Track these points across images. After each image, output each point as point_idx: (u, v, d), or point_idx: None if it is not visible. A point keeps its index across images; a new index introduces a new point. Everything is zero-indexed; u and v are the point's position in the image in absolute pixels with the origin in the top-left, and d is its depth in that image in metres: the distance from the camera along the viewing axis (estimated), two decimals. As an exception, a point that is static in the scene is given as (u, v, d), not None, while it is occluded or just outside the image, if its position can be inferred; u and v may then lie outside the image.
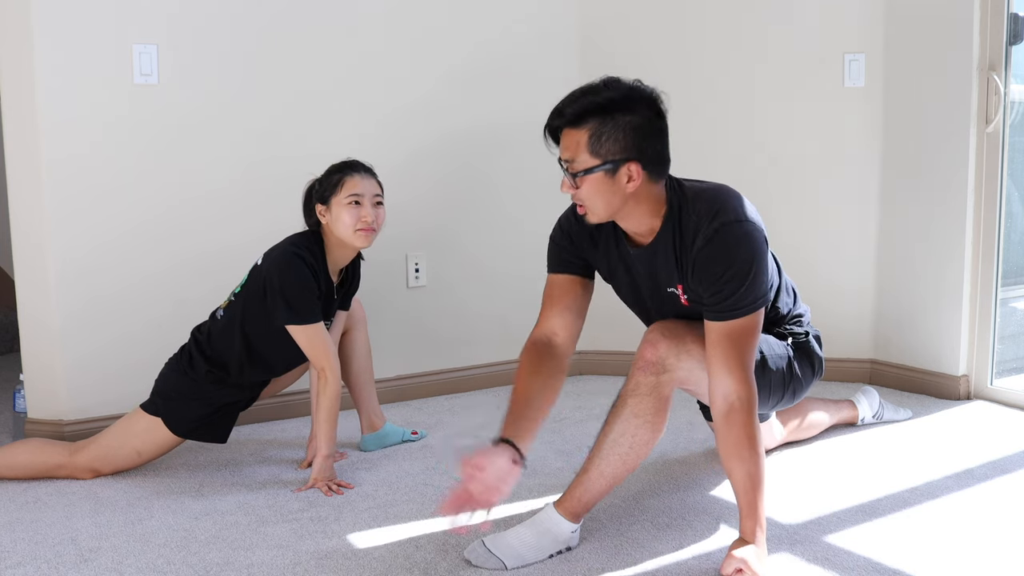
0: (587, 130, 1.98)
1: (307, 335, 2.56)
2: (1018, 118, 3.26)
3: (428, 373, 3.55)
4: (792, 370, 2.31)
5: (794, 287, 2.43)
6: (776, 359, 2.28)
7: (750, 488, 2.01)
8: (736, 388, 2.00)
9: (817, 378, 2.42)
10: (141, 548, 2.21)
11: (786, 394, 2.34)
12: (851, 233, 3.56)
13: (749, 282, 2.00)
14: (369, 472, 2.73)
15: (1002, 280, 3.26)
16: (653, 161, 2.02)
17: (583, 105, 1.99)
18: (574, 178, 2.01)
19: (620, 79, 2.05)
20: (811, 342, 2.39)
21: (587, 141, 1.98)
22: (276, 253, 2.60)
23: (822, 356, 2.42)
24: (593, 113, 1.99)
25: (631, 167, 1.99)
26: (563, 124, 2.02)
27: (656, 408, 2.09)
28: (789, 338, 2.35)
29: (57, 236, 2.91)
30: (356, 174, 2.61)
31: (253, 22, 3.13)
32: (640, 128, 2.00)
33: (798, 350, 2.35)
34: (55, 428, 2.96)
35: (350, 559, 2.14)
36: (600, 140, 1.98)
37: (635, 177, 2.00)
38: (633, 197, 2.03)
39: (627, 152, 1.99)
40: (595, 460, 2.13)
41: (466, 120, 3.51)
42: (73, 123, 2.90)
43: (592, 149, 1.99)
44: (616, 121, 1.98)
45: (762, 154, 3.59)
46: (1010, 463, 2.67)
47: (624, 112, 1.99)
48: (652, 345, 2.08)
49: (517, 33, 3.58)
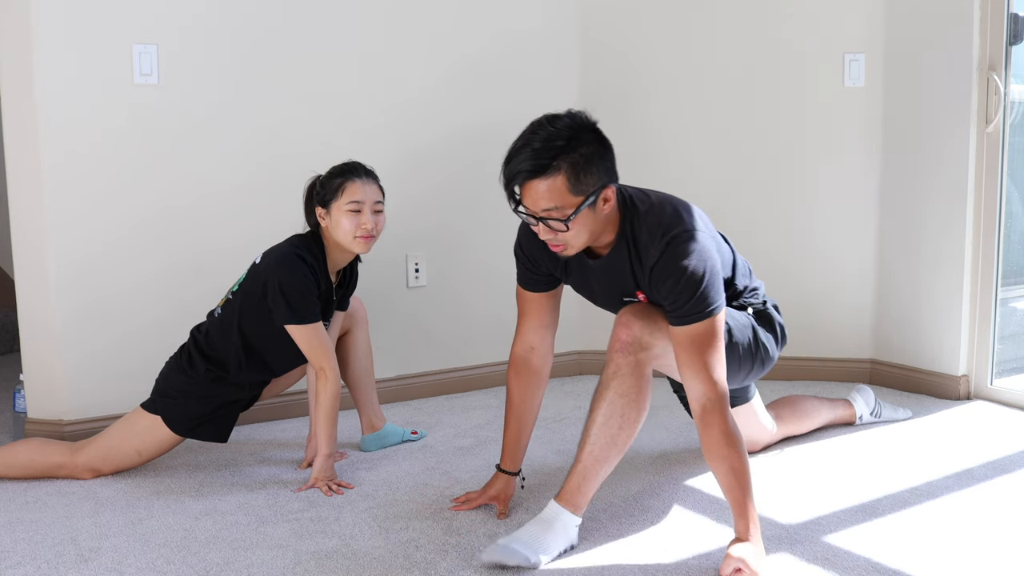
0: (563, 174, 2.02)
1: (306, 335, 2.56)
2: (1018, 118, 3.26)
3: (428, 373, 3.55)
4: (757, 338, 2.40)
5: (749, 266, 2.52)
6: (741, 329, 2.35)
7: (736, 484, 2.05)
8: (706, 391, 2.08)
9: (782, 345, 2.50)
10: (141, 548, 2.21)
11: (755, 364, 2.41)
12: (851, 232, 3.56)
13: (703, 290, 2.07)
14: (369, 472, 2.73)
15: (1002, 280, 3.26)
16: (616, 177, 2.12)
17: (546, 154, 2.02)
18: (566, 222, 2.04)
19: (553, 116, 2.09)
20: (770, 310, 2.48)
21: (566, 184, 2.02)
22: (276, 253, 2.60)
23: (783, 323, 2.50)
24: (560, 156, 2.02)
25: (607, 192, 2.08)
26: (531, 177, 2.03)
27: (639, 387, 2.13)
28: (749, 308, 2.44)
29: (57, 236, 2.91)
30: (357, 180, 2.60)
31: (253, 22, 3.13)
32: (600, 153, 2.07)
33: (759, 318, 2.44)
34: (55, 428, 2.96)
35: (350, 559, 2.14)
36: (579, 178, 2.03)
37: (610, 198, 2.09)
38: (603, 220, 2.11)
39: (601, 180, 2.06)
40: (587, 445, 2.14)
41: (466, 119, 3.51)
42: (73, 123, 2.90)
43: (574, 189, 2.03)
44: (582, 154, 2.03)
45: (762, 154, 3.59)
46: (1010, 463, 2.67)
47: (582, 145, 2.04)
48: (626, 326, 2.14)
49: (517, 32, 3.58)
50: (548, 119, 2.07)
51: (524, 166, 2.02)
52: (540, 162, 2.01)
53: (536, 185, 2.03)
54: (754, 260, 3.55)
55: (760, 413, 2.70)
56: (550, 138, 2.02)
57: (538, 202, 2.04)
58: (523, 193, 2.06)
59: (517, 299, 2.43)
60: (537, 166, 2.01)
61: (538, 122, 2.08)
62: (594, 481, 2.15)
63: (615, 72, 3.69)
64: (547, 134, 2.03)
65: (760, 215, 3.61)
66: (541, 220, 2.06)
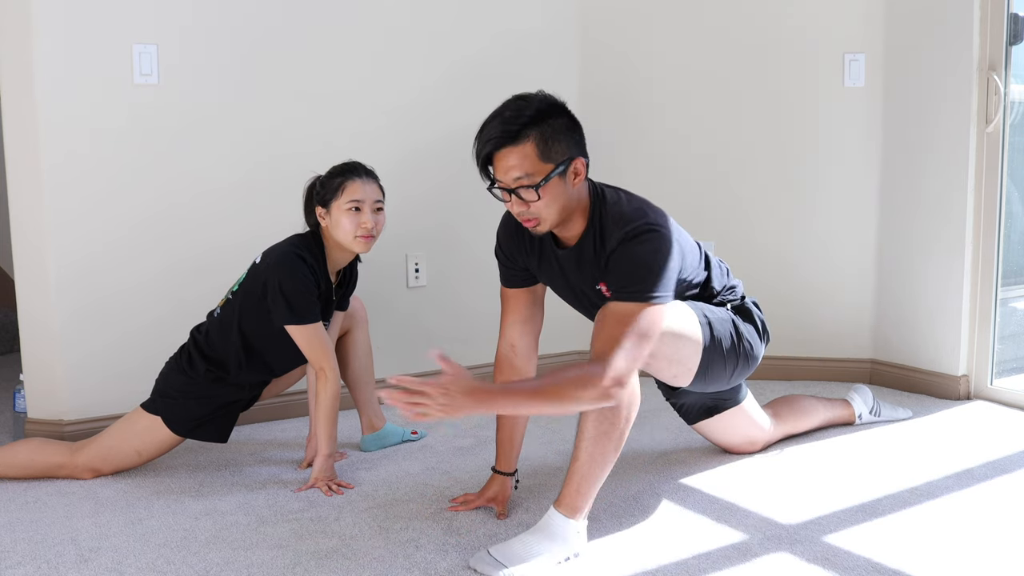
0: (531, 141, 2.07)
1: (306, 335, 2.56)
2: (1018, 118, 3.26)
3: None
4: (739, 333, 2.40)
5: (726, 266, 2.53)
6: (720, 322, 2.36)
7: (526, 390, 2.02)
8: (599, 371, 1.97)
9: (765, 341, 2.50)
10: (141, 548, 2.21)
11: (740, 360, 2.41)
12: (851, 233, 3.56)
13: (650, 276, 2.07)
14: (369, 472, 2.73)
15: (1002, 280, 3.26)
16: (585, 153, 2.16)
17: (515, 122, 2.07)
18: (536, 189, 2.07)
19: (524, 94, 2.14)
20: (748, 305, 2.49)
21: (535, 151, 2.07)
22: (276, 253, 2.60)
23: (763, 318, 2.51)
24: (529, 125, 2.07)
25: (577, 164, 2.13)
26: (501, 144, 2.08)
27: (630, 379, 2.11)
28: (727, 305, 2.45)
29: (57, 236, 2.91)
30: (357, 179, 2.60)
31: (253, 22, 3.13)
32: (570, 127, 2.13)
33: (738, 312, 2.45)
34: (55, 428, 2.96)
35: (350, 559, 2.14)
36: (548, 145, 2.07)
37: (580, 171, 2.13)
38: (576, 197, 2.15)
39: (571, 150, 2.11)
40: (582, 445, 2.12)
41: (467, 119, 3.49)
42: (73, 123, 2.90)
43: (544, 156, 2.08)
44: (551, 125, 2.09)
45: (762, 153, 3.59)
46: (1010, 463, 2.67)
47: (552, 117, 2.10)
48: None
49: (517, 32, 3.58)
50: (518, 96, 2.13)
51: (494, 133, 2.08)
52: (509, 128, 2.07)
53: (507, 154, 2.07)
54: (753, 260, 3.58)
55: (754, 413, 2.70)
56: (520, 109, 2.09)
57: (509, 172, 2.08)
58: (495, 166, 2.11)
59: (501, 298, 2.47)
60: (506, 132, 2.07)
61: (508, 99, 2.13)
62: (593, 482, 2.13)
63: (615, 72, 3.69)
64: (517, 106, 2.10)
65: (760, 215, 3.61)
66: (513, 192, 2.09)
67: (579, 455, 2.12)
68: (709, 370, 2.33)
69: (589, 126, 2.12)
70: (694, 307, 2.31)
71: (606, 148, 3.70)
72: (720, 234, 3.61)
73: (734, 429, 2.68)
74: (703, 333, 2.29)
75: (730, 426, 2.67)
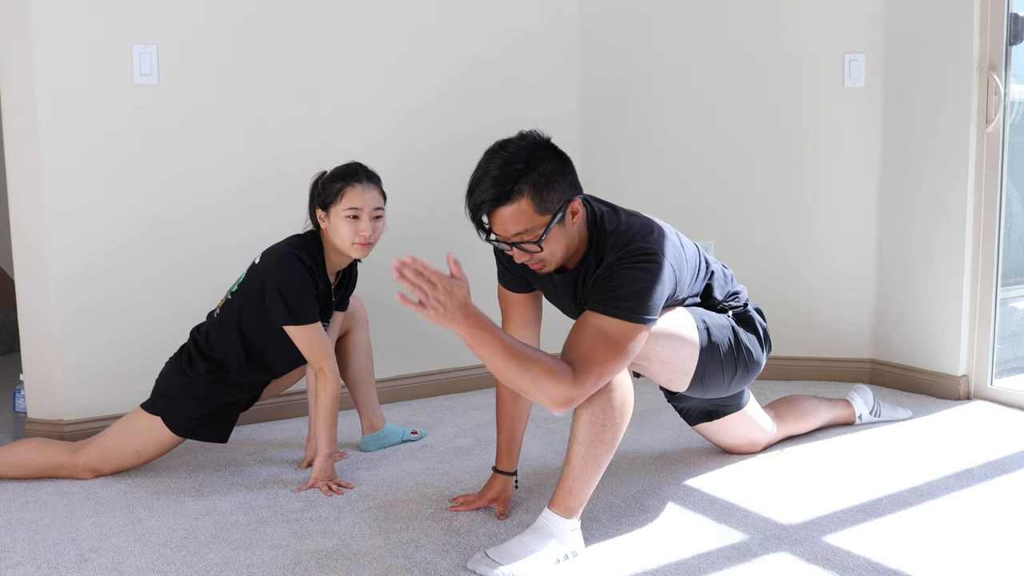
0: (526, 196, 2.05)
1: (305, 336, 2.56)
2: (1018, 118, 3.26)
3: (428, 373, 3.55)
4: (739, 340, 2.38)
5: (729, 272, 2.51)
6: (720, 328, 2.34)
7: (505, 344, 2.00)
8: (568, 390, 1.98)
9: (767, 349, 2.48)
10: (141, 548, 2.21)
11: (739, 367, 2.39)
12: (851, 233, 3.56)
13: (634, 295, 2.04)
14: (369, 472, 2.73)
15: (1002, 280, 3.26)
16: (580, 190, 2.14)
17: (507, 180, 2.04)
18: (539, 243, 2.07)
19: (506, 141, 2.11)
20: (751, 312, 2.47)
21: (531, 206, 2.05)
22: (275, 254, 2.60)
23: (766, 326, 2.49)
24: (520, 180, 2.05)
25: (574, 205, 2.11)
26: (495, 206, 2.06)
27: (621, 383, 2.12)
28: (729, 311, 2.43)
29: (57, 236, 2.91)
30: (358, 185, 2.58)
31: (254, 23, 3.13)
32: (560, 170, 2.09)
33: (739, 320, 2.44)
34: (55, 428, 2.96)
35: (350, 559, 2.14)
36: (543, 197, 2.06)
37: (578, 211, 2.12)
38: (577, 234, 2.15)
39: (566, 193, 2.09)
40: (576, 446, 2.12)
41: (468, 121, 3.51)
42: (73, 123, 2.90)
43: (540, 209, 2.06)
44: (541, 173, 2.06)
45: (762, 153, 3.59)
46: (1010, 463, 2.67)
47: (540, 163, 2.07)
48: None
49: (517, 33, 3.58)
50: (500, 144, 2.10)
51: (487, 195, 2.05)
52: (502, 188, 2.04)
53: (502, 212, 2.06)
54: (753, 260, 3.58)
55: (756, 416, 2.70)
56: (507, 163, 2.05)
57: (508, 228, 2.07)
58: (491, 222, 2.09)
59: (499, 300, 2.45)
60: (500, 193, 2.04)
61: (491, 150, 2.10)
62: (587, 483, 2.13)
63: (616, 72, 3.69)
64: (503, 159, 2.06)
65: (760, 214, 3.61)
66: (514, 245, 2.09)
67: (572, 456, 2.12)
68: (706, 375, 2.33)
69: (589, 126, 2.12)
70: (693, 312, 2.31)
71: (606, 148, 3.71)
72: (720, 234, 3.61)
73: (735, 431, 2.68)
74: (700, 338, 2.28)
75: (731, 428, 2.67)
